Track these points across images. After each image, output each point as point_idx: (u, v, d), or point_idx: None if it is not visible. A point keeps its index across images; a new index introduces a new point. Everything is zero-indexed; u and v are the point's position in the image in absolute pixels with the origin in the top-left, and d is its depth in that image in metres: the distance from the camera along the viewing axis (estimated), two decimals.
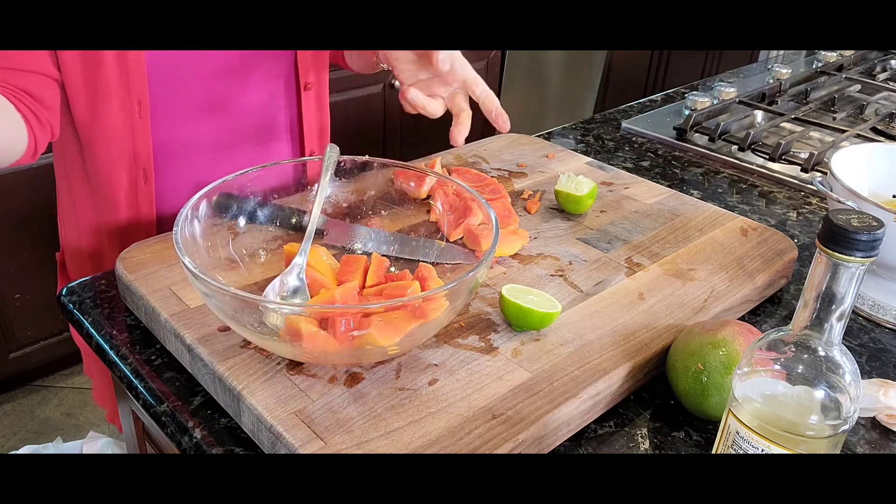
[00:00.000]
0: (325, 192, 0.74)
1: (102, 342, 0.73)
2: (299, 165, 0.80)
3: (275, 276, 0.69)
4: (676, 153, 1.24)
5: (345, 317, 0.58)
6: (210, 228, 0.71)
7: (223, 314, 0.60)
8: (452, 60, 0.72)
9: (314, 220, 0.71)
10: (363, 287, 0.69)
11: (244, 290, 0.70)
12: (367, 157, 0.79)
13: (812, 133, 1.32)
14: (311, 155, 1.02)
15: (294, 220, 0.78)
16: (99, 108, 0.83)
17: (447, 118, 0.77)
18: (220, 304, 0.59)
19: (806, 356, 0.48)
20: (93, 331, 0.75)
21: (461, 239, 0.77)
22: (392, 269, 0.74)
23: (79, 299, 0.78)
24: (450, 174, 0.94)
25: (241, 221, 0.75)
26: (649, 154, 1.23)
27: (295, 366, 0.63)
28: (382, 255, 0.73)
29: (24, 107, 0.78)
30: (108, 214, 0.92)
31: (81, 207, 0.94)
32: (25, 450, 1.79)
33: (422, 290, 0.65)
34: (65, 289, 0.80)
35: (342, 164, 0.79)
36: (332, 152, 0.77)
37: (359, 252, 0.77)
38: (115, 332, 0.74)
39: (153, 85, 0.85)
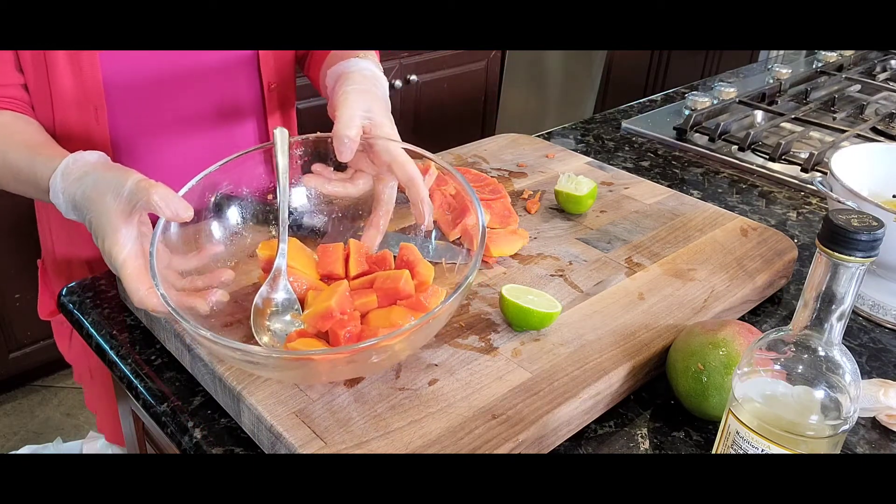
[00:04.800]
0: (287, 180, 0.70)
1: (102, 342, 0.73)
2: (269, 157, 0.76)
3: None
4: (676, 153, 1.24)
5: (349, 334, 0.58)
6: (196, 234, 0.70)
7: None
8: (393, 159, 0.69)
9: (284, 218, 0.68)
10: (347, 277, 0.69)
11: (243, 290, 0.70)
12: (317, 133, 0.74)
13: (812, 133, 1.31)
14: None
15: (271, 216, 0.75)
16: (55, 109, 0.81)
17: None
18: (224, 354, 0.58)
19: (806, 356, 0.48)
20: (93, 331, 0.75)
21: (459, 238, 0.77)
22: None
23: (79, 299, 0.78)
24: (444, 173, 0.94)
25: (230, 224, 0.74)
26: (649, 154, 1.23)
27: None
28: None
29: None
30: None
31: (52, 210, 0.93)
32: (25, 450, 1.79)
33: (411, 276, 0.65)
34: (65, 289, 0.80)
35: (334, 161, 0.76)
36: (282, 135, 0.71)
37: None
38: (115, 332, 0.74)
39: (108, 81, 0.82)
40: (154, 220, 0.64)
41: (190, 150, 0.92)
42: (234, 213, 0.74)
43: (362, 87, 0.73)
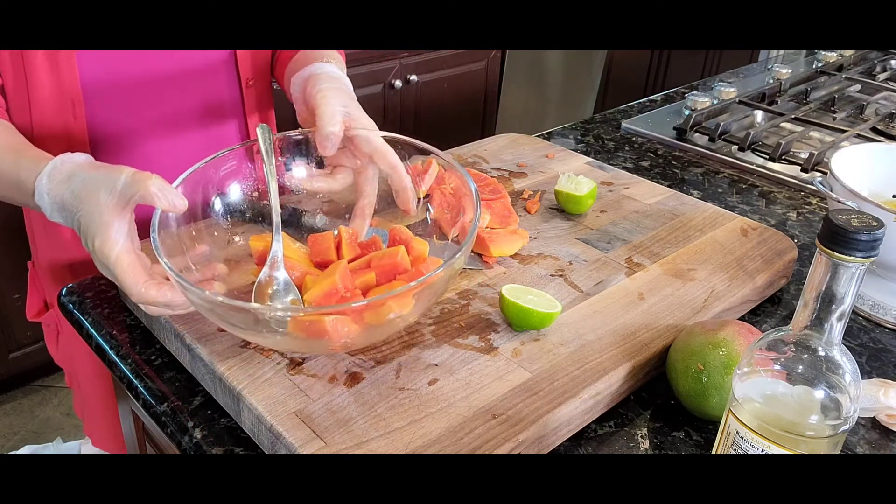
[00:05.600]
0: (274, 173, 0.71)
1: (102, 342, 0.73)
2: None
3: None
4: (676, 153, 1.24)
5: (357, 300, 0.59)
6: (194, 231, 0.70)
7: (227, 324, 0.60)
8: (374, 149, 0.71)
9: (276, 208, 0.69)
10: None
11: (241, 290, 0.70)
12: (298, 130, 0.76)
13: (812, 133, 1.31)
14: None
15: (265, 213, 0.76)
16: (33, 108, 0.80)
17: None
18: (225, 318, 0.58)
19: (806, 356, 0.48)
20: (93, 331, 0.75)
21: (457, 237, 0.77)
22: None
23: (79, 299, 0.78)
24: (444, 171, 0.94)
25: (221, 219, 0.74)
26: (649, 154, 1.23)
27: (295, 366, 0.63)
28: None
29: None
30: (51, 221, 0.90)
31: (34, 214, 0.93)
32: (25, 450, 1.80)
33: (408, 253, 0.66)
34: (64, 289, 0.80)
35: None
36: (265, 133, 0.73)
37: None
38: (115, 332, 0.74)
39: (86, 79, 0.82)
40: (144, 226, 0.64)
41: (171, 150, 0.92)
42: (224, 210, 0.74)
43: (334, 85, 0.75)
